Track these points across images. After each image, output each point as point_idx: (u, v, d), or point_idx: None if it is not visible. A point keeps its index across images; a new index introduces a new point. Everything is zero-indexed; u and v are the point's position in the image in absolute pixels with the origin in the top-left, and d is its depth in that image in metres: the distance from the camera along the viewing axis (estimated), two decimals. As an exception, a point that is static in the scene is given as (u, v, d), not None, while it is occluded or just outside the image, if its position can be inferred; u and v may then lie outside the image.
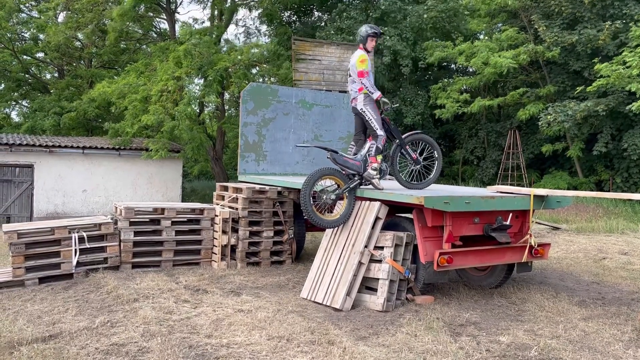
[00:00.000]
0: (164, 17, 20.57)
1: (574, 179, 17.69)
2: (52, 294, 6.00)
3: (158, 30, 23.44)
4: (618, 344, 4.57)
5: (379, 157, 6.06)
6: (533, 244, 5.88)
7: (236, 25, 24.05)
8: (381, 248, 5.62)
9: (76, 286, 6.29)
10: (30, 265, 6.40)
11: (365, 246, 5.62)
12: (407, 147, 6.24)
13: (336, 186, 6.01)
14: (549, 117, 15.69)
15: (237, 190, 7.88)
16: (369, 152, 6.08)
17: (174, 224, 7.34)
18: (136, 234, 7.14)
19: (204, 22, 22.51)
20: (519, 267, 6.24)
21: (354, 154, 6.32)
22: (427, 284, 5.86)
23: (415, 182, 6.35)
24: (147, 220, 7.31)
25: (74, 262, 6.61)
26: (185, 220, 7.53)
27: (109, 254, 6.93)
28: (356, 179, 6.05)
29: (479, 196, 5.64)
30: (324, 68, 14.11)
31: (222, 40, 20.68)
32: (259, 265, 7.64)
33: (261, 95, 8.87)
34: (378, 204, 5.77)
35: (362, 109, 6.12)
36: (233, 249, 7.60)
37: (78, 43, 22.82)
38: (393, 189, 6.10)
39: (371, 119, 6.07)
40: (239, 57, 15.93)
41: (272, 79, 18.53)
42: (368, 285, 5.68)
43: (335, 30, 18.42)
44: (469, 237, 5.85)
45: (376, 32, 6.28)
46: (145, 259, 7.19)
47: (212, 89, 15.29)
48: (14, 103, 25.32)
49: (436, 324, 4.92)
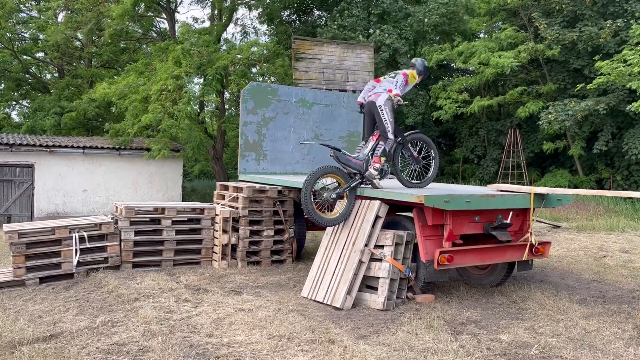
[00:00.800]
0: (164, 16, 20.55)
1: (574, 177, 17.68)
2: (52, 293, 6.01)
3: (158, 30, 23.43)
4: (619, 342, 4.57)
5: (382, 159, 6.07)
6: (533, 242, 5.89)
7: (235, 24, 23.99)
8: (381, 247, 5.62)
9: (77, 286, 6.29)
10: (31, 265, 6.40)
11: (366, 245, 5.62)
12: (409, 145, 6.26)
13: (337, 184, 6.01)
14: (550, 116, 15.68)
15: (238, 190, 7.87)
16: (374, 152, 6.09)
17: (174, 223, 7.35)
18: (137, 233, 7.15)
19: (204, 22, 22.53)
20: (519, 265, 6.24)
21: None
22: (427, 282, 5.87)
23: (416, 181, 6.36)
24: (148, 219, 7.32)
25: (75, 262, 6.61)
26: (185, 219, 7.53)
27: (109, 253, 6.93)
28: (357, 178, 6.05)
29: (480, 195, 5.65)
30: (324, 67, 14.12)
31: (222, 40, 20.68)
32: (259, 265, 7.64)
33: (261, 95, 8.86)
34: (378, 202, 5.77)
35: (380, 106, 6.11)
36: (234, 248, 7.60)
37: (78, 43, 22.81)
38: (393, 187, 6.10)
39: (386, 120, 6.07)
40: (239, 56, 15.91)
41: (271, 78, 18.51)
42: (368, 284, 5.68)
43: (337, 27, 18.44)
44: (469, 235, 5.85)
45: (426, 74, 6.82)
46: (146, 259, 7.20)
47: (211, 88, 15.26)
48: (14, 103, 25.32)
49: (437, 322, 4.92)
